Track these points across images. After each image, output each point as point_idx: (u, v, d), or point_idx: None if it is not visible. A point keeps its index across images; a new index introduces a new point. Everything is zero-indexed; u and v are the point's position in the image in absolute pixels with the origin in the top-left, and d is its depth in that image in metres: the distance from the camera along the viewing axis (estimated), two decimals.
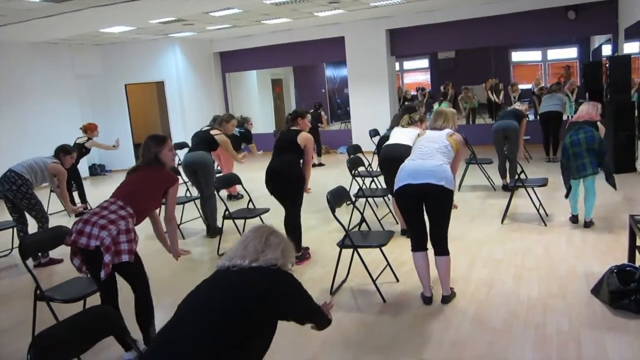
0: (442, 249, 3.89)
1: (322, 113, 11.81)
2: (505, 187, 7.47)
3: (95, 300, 3.41)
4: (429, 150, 3.94)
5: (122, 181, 3.58)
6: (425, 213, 3.92)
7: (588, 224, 5.51)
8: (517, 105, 7.87)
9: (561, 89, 10.15)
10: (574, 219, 5.69)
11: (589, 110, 5.61)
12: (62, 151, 5.99)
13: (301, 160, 5.10)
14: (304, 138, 5.06)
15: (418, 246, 3.95)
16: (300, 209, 5.11)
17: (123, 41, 12.30)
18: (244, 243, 2.25)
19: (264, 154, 9.04)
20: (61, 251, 4.41)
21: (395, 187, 3.94)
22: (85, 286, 3.62)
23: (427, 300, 3.99)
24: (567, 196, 5.64)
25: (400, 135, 5.40)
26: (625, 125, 8.10)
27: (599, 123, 5.57)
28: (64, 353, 2.09)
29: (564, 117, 9.77)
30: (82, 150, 8.12)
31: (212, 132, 6.55)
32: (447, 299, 3.97)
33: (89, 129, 8.23)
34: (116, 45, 12.54)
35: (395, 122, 6.15)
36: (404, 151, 4.52)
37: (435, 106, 9.44)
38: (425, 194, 3.80)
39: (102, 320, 2.27)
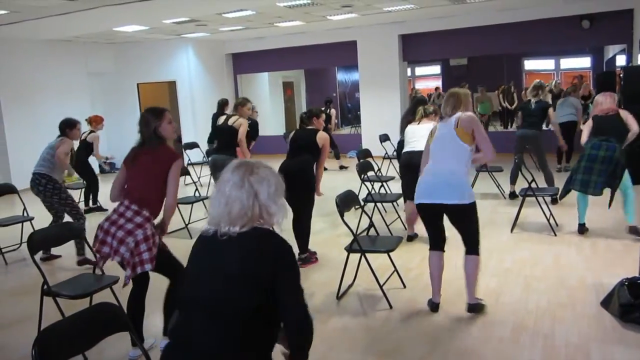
0: (472, 249, 3.77)
1: (333, 111, 11.57)
2: (512, 195, 7.37)
3: (102, 296, 3.41)
4: (440, 156, 3.78)
5: (128, 174, 3.40)
6: (450, 222, 3.84)
7: (635, 230, 5.35)
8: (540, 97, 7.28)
9: (576, 91, 9.96)
10: (581, 229, 5.59)
11: (612, 102, 5.40)
12: (67, 126, 5.63)
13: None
14: (323, 137, 5.06)
15: (435, 245, 3.90)
16: (312, 211, 5.10)
17: (136, 40, 12.37)
18: (227, 204, 1.90)
19: (272, 155, 9.03)
20: (66, 249, 4.42)
21: (415, 201, 3.87)
22: (92, 283, 3.64)
23: (434, 306, 3.92)
24: (560, 198, 5.58)
25: (418, 137, 5.24)
26: None
27: (623, 112, 5.39)
28: (69, 349, 2.08)
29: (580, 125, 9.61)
30: (87, 145, 7.72)
31: (231, 120, 6.26)
32: (473, 308, 3.81)
33: (94, 121, 7.82)
34: (129, 44, 12.61)
35: (406, 119, 5.98)
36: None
37: None
38: (445, 211, 3.77)
39: (108, 318, 2.26)
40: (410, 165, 5.03)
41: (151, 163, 3.34)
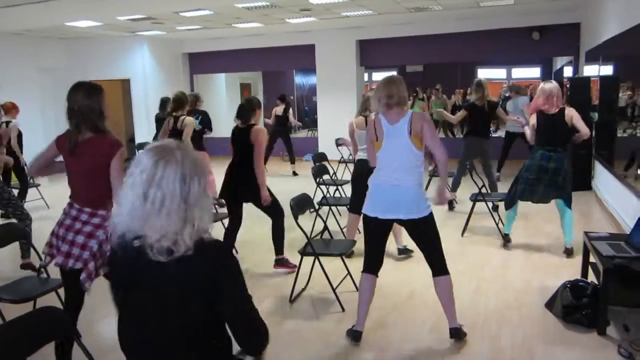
0: (440, 268, 3.43)
1: (291, 111, 11.12)
2: (450, 204, 7.14)
3: (45, 301, 3.30)
4: (394, 166, 3.36)
5: (69, 168, 3.07)
6: (411, 239, 3.58)
7: (570, 252, 5.07)
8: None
9: (527, 90, 9.85)
10: (506, 239, 5.49)
11: (559, 100, 4.89)
12: None
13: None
14: (257, 130, 4.69)
15: (369, 268, 3.53)
16: (280, 212, 4.88)
17: (90, 36, 12.03)
18: (161, 209, 1.54)
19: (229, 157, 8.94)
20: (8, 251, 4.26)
21: (364, 211, 3.49)
22: (36, 286, 3.51)
23: (356, 336, 3.52)
24: (507, 208, 5.33)
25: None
26: (583, 144, 8.32)
27: (569, 110, 4.89)
28: (8, 355, 2.01)
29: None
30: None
31: (178, 123, 6.05)
32: (456, 333, 3.48)
33: (14, 109, 6.99)
34: (82, 40, 12.26)
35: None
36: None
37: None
38: (405, 227, 3.49)
39: (51, 323, 2.18)
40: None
41: (93, 156, 2.96)
